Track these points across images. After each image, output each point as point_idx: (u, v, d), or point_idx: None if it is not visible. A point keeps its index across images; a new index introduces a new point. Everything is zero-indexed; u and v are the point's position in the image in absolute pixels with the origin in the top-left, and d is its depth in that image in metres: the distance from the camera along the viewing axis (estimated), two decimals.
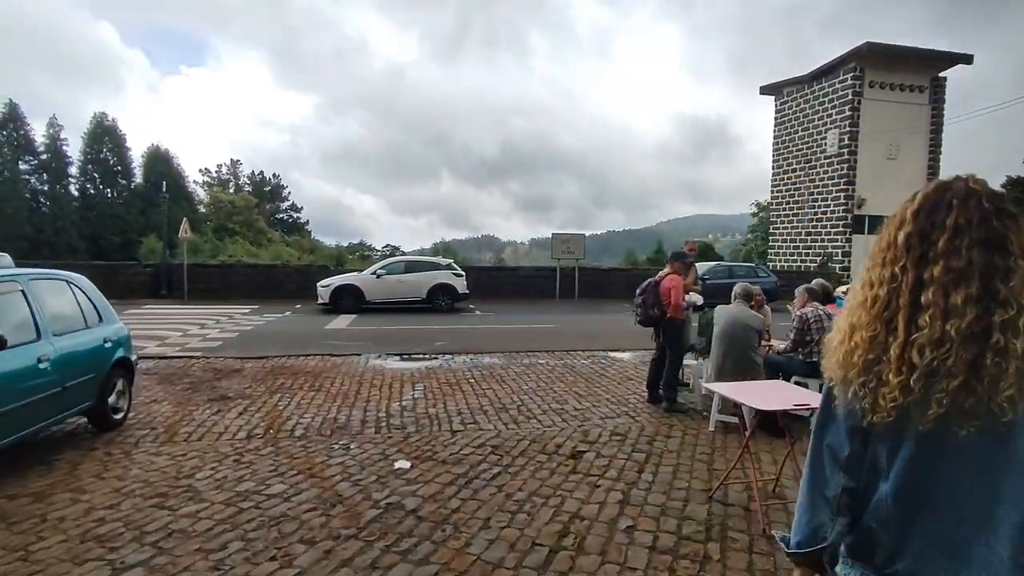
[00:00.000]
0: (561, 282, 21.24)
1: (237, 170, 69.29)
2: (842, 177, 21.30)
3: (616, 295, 21.88)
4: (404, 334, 11.97)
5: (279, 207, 69.37)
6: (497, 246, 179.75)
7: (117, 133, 49.19)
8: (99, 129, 48.09)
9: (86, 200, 47.48)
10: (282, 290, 19.07)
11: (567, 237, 21.31)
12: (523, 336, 11.90)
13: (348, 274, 16.77)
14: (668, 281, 6.06)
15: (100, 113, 48.00)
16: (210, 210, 54.72)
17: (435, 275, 16.52)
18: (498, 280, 21.12)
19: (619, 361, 9.11)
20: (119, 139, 49.01)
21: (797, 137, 23.59)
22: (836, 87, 21.50)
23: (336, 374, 7.77)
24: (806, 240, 23.12)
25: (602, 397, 6.71)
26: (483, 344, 10.75)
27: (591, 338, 11.76)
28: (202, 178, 63.85)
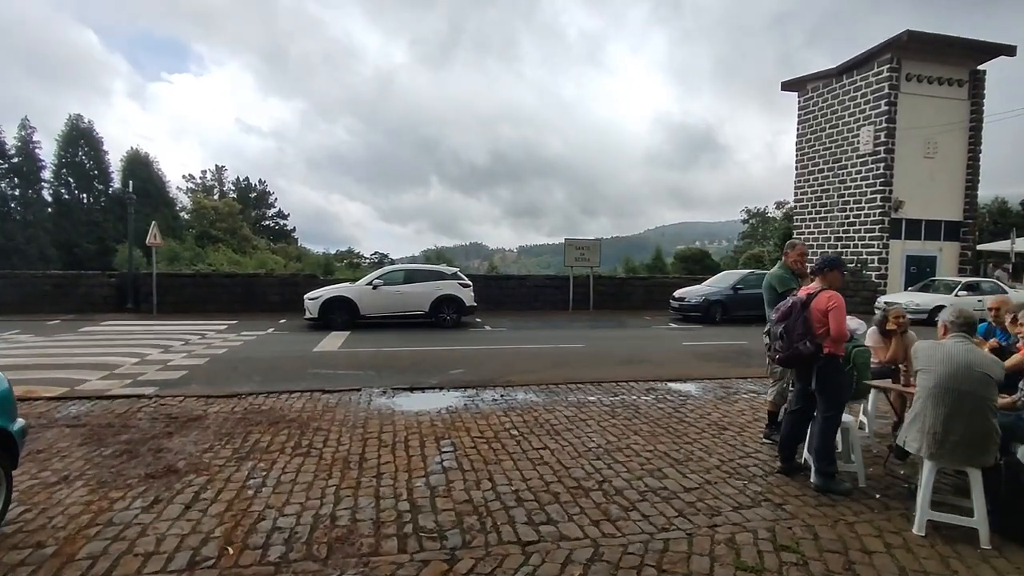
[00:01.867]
0: (574, 292, 19.35)
1: (222, 176, 67.36)
2: (877, 177, 19.64)
3: (634, 305, 20.06)
4: (410, 358, 9.98)
5: (265, 214, 67.52)
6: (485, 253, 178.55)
7: (93, 136, 46.85)
8: (74, 132, 45.73)
9: (61, 206, 45.02)
10: (265, 302, 17.00)
11: (582, 243, 19.42)
12: (551, 360, 9.97)
13: (339, 284, 14.75)
14: (825, 300, 4.16)
15: (75, 115, 45.56)
16: (193, 217, 52.65)
17: (439, 286, 14.56)
18: (505, 291, 19.18)
19: (689, 398, 7.18)
20: (95, 142, 46.70)
21: (824, 135, 21.94)
22: (870, 80, 19.88)
23: (330, 423, 5.78)
24: (836, 246, 21.42)
25: (707, 463, 4.78)
26: (508, 372, 8.81)
27: (634, 362, 9.85)
28: (186, 184, 61.81)
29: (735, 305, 16.41)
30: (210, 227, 50.67)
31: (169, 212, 51.16)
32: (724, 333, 14.25)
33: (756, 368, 9.52)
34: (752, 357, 10.60)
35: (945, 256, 20.64)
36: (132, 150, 48.65)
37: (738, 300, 16.46)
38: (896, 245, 19.91)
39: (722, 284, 16.95)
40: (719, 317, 16.20)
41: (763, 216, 63.16)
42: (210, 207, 52.64)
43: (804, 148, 23.03)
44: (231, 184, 66.35)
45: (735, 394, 7.38)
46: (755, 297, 17.05)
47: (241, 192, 64.74)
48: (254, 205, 65.61)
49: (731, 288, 16.52)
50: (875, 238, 19.85)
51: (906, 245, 20.10)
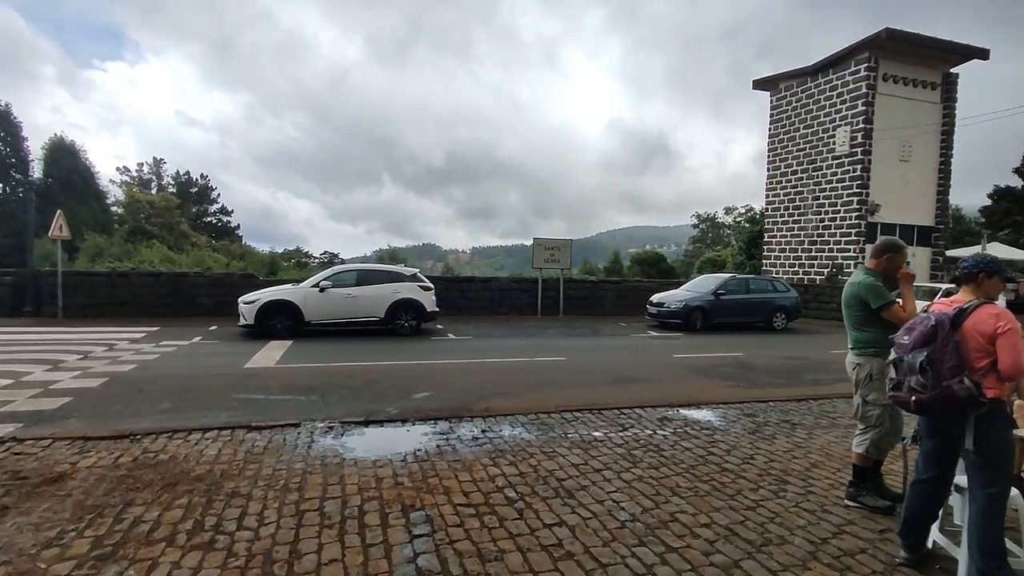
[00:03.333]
0: (543, 296, 17.94)
1: (160, 169, 63.55)
2: (854, 179, 19.05)
3: (606, 311, 18.81)
4: (363, 375, 8.31)
5: (207, 210, 63.96)
6: (438, 254, 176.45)
7: (11, 120, 42.76)
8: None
9: None
10: (194, 306, 14.89)
11: (552, 243, 18.02)
12: (532, 377, 8.48)
13: (281, 287, 12.86)
14: (991, 319, 2.81)
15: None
16: (126, 211, 48.95)
17: (397, 288, 12.87)
18: (468, 294, 17.61)
19: (715, 432, 5.82)
20: (13, 127, 42.72)
21: (799, 135, 21.29)
22: (847, 79, 19.29)
23: (252, 483, 4.12)
24: (810, 250, 20.78)
25: (792, 545, 3.38)
26: (484, 394, 7.28)
27: (629, 381, 8.47)
28: (120, 177, 57.71)
29: (717, 312, 15.35)
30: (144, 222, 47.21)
31: (98, 205, 47.43)
32: (712, 343, 13.10)
33: (769, 388, 8.30)
34: (757, 373, 9.40)
35: (918, 261, 20.27)
36: (56, 137, 44.62)
37: (720, 306, 15.40)
38: None
39: (702, 289, 15.86)
40: (700, 324, 15.09)
41: (713, 221, 63.87)
42: (145, 201, 49.09)
43: (777, 149, 22.37)
44: (170, 178, 62.66)
45: (765, 425, 6.07)
46: (738, 303, 16.15)
47: (181, 187, 61.17)
48: (195, 201, 62.07)
49: (712, 294, 15.44)
50: (851, 242, 19.26)
51: None
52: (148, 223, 47.31)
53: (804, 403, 7.18)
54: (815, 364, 10.46)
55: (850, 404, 7.42)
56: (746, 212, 59.88)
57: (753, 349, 12.08)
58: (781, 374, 9.38)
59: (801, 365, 10.30)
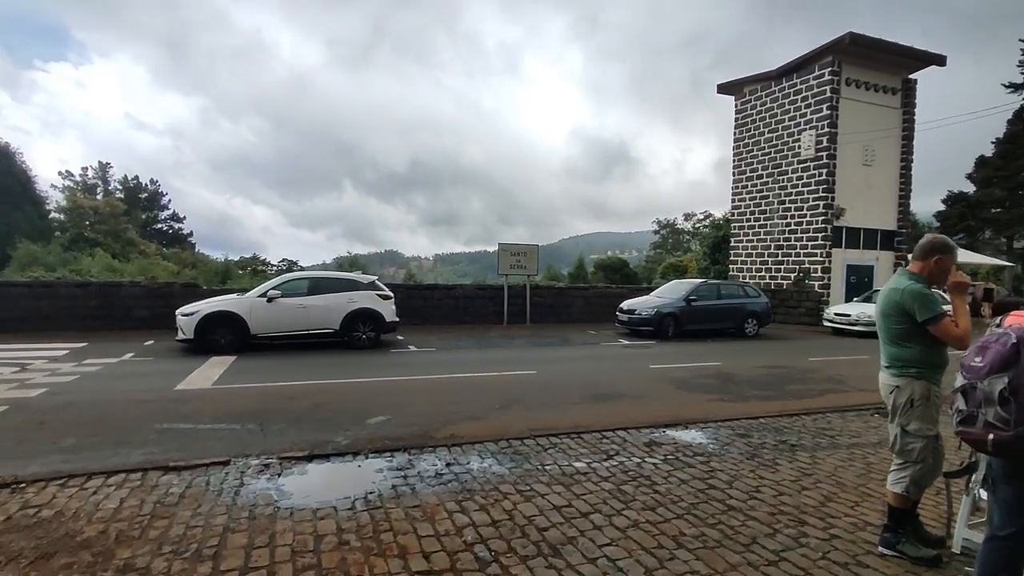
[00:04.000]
0: (509, 304, 17.22)
1: (106, 174, 60.68)
2: (820, 184, 18.99)
3: (574, 318, 18.21)
4: (311, 396, 7.41)
5: (157, 216, 61.37)
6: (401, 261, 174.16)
7: None
8: None
9: None
10: (129, 319, 13.63)
11: (518, 248, 17.31)
12: (500, 394, 7.72)
13: (225, 297, 11.79)
14: None
15: None
16: (68, 217, 46.35)
17: (353, 297, 11.94)
18: (430, 303, 16.75)
19: (711, 458, 5.18)
20: None
21: (763, 139, 21.19)
22: (811, 83, 19.25)
23: (156, 547, 3.25)
24: (776, 254, 20.64)
25: None
26: (448, 417, 6.49)
27: (606, 397, 7.80)
28: (63, 181, 54.84)
29: (689, 318, 14.89)
30: (88, 229, 44.74)
31: (35, 211, 44.71)
32: (687, 351, 12.59)
33: (755, 402, 7.75)
34: (740, 385, 8.84)
35: (881, 265, 20.36)
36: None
37: (692, 313, 14.95)
38: (838, 254, 19.33)
39: (673, 295, 15.40)
40: (672, 332, 14.60)
41: (673, 227, 64.50)
42: (88, 207, 46.57)
43: (742, 153, 22.25)
44: (117, 183, 59.92)
45: (762, 448, 5.46)
46: (709, 310, 15.72)
47: (129, 192, 58.60)
48: (145, 207, 59.46)
49: (684, 300, 14.98)
50: (818, 246, 19.16)
51: (846, 254, 19.58)
52: (91, 230, 44.89)
53: (796, 419, 6.63)
54: (797, 374, 10.01)
55: (844, 418, 6.96)
56: (705, 218, 60.79)
57: (730, 358, 11.60)
58: (764, 385, 8.86)
59: (783, 375, 9.83)
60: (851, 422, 6.58)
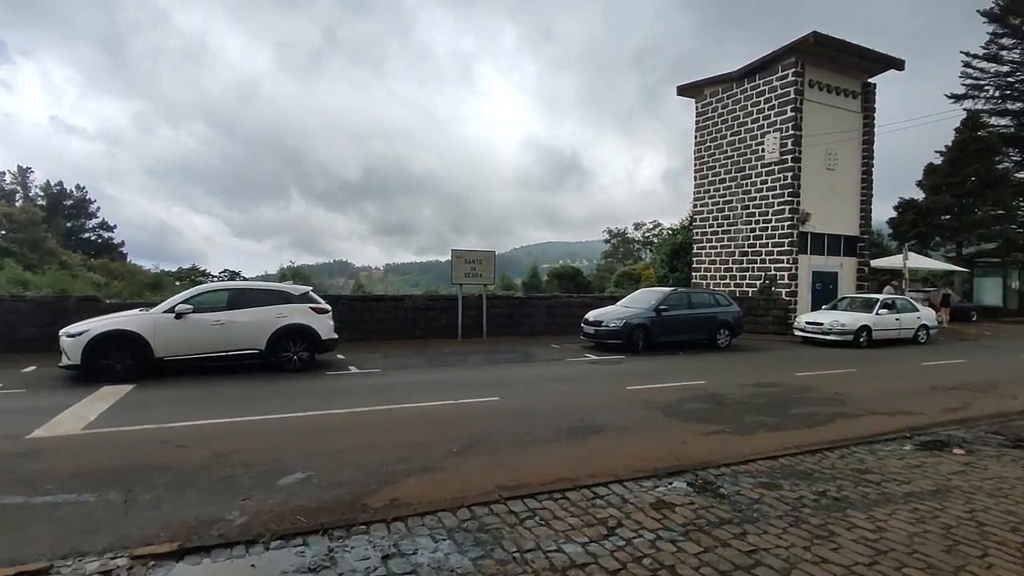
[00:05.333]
0: (464, 315, 15.72)
1: (26, 179, 56.01)
2: (785, 187, 18.32)
3: (534, 330, 16.87)
4: (210, 445, 5.74)
5: (84, 225, 57.02)
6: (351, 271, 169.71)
7: None
8: None
9: None
10: (12, 340, 11.45)
11: (473, 255, 15.83)
12: (459, 432, 6.24)
13: (123, 313, 9.85)
14: None
15: None
16: None
17: (282, 312, 10.22)
18: (376, 315, 15.08)
19: (734, 522, 3.86)
20: None
21: (726, 143, 20.46)
22: (774, 85, 18.63)
23: None
24: (741, 261, 19.87)
25: None
26: (390, 471, 4.97)
27: (583, 430, 6.43)
28: None
29: (659, 330, 13.75)
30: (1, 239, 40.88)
31: None
32: (662, 368, 11.41)
33: (763, 433, 6.53)
34: (736, 409, 7.62)
35: (845, 272, 19.87)
36: None
37: (662, 324, 13.82)
38: (804, 260, 18.67)
39: (642, 305, 14.24)
40: (642, 345, 13.43)
41: (623, 236, 64.43)
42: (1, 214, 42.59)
43: (704, 157, 21.49)
44: (39, 189, 55.39)
45: (801, 507, 4.19)
46: (681, 320, 14.48)
47: (52, 199, 54.27)
48: (70, 215, 55.19)
49: (654, 310, 13.84)
50: (784, 252, 18.46)
51: (812, 260, 18.97)
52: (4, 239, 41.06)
53: (821, 457, 5.42)
54: (792, 393, 8.90)
55: (875, 454, 5.73)
56: (654, 227, 60.93)
57: (712, 375, 10.46)
58: (763, 410, 7.68)
59: (777, 396, 8.69)
60: (885, 458, 5.42)
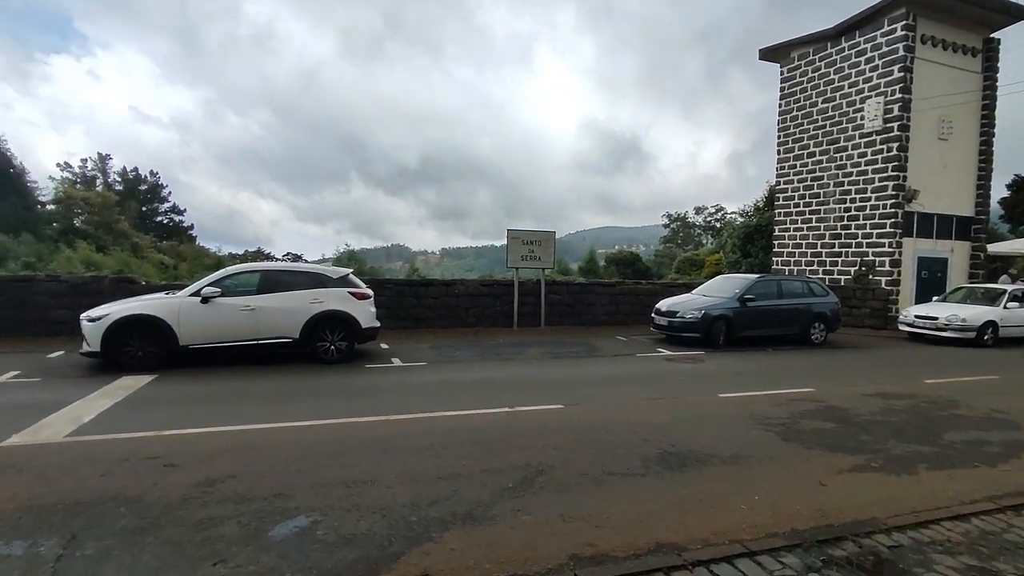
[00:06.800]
0: (520, 302, 14.37)
1: (106, 166, 58.38)
2: (888, 160, 15.97)
3: (597, 320, 15.33)
4: (208, 462, 4.59)
5: (157, 209, 59.17)
6: (407, 256, 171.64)
7: None
8: None
9: None
10: (45, 322, 10.92)
11: (531, 236, 14.41)
12: (515, 457, 4.86)
13: (146, 297, 9.03)
14: None
15: None
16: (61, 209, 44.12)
17: (317, 296, 9.14)
18: (425, 301, 13.92)
19: None
20: None
21: (816, 111, 18.15)
22: (879, 42, 16.22)
23: None
24: (832, 245, 17.64)
25: None
26: (423, 517, 3.60)
27: (678, 459, 4.92)
28: (61, 173, 52.83)
29: (743, 322, 11.97)
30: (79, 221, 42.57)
31: (20, 202, 42.29)
32: (753, 368, 9.73)
33: (924, 469, 4.84)
34: (870, 430, 5.88)
35: (956, 259, 17.32)
36: None
37: (747, 316, 12.02)
38: (908, 244, 16.31)
39: (723, 294, 12.47)
40: (723, 339, 11.71)
41: (684, 221, 61.43)
42: (79, 198, 44.38)
43: (789, 127, 19.21)
44: (117, 175, 57.69)
45: None
46: (769, 312, 12.09)
47: (129, 184, 56.40)
48: (144, 199, 57.29)
49: (738, 300, 12.05)
50: (885, 235, 16.14)
51: (918, 244, 16.56)
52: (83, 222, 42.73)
53: None
54: (934, 407, 7.07)
55: None
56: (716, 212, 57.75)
57: (819, 379, 8.69)
58: (908, 433, 5.92)
59: (916, 410, 6.90)
60: None
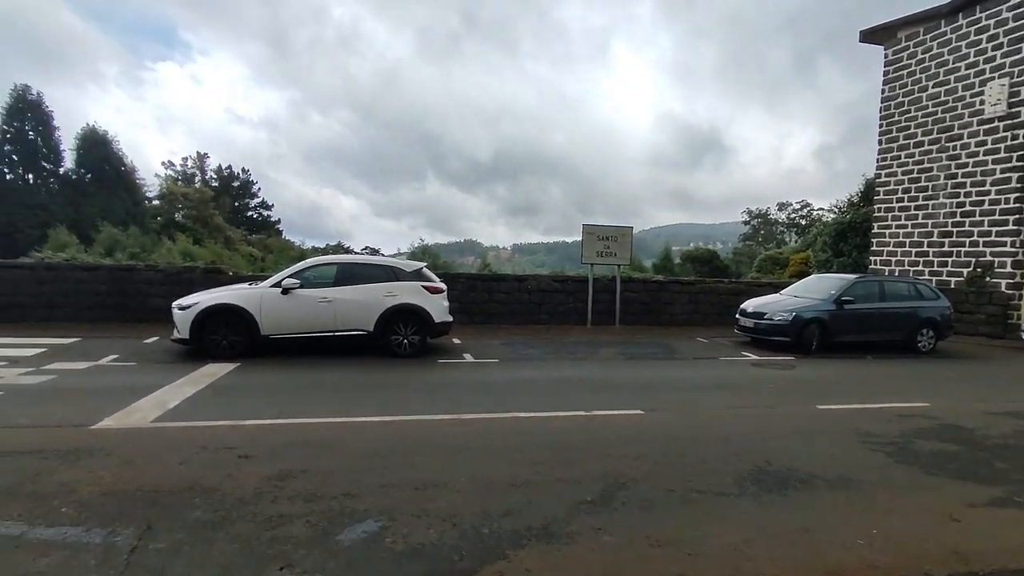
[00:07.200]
0: (594, 299, 13.93)
1: (203, 164, 62.57)
2: (1013, 149, 14.29)
3: (675, 319, 14.65)
4: (281, 456, 4.55)
5: (248, 204, 62.85)
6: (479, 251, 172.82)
7: (42, 109, 41.27)
8: (20, 104, 40.19)
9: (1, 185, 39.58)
10: (144, 309, 11.57)
11: (606, 231, 13.93)
12: (595, 467, 4.52)
13: (231, 288, 9.34)
14: None
15: (22, 85, 39.79)
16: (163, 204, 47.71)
17: (392, 290, 9.12)
18: (496, 296, 13.75)
19: None
20: (45, 116, 41.23)
21: (926, 95, 16.54)
22: (1004, 16, 14.52)
23: None
24: (942, 244, 16.04)
25: None
26: (495, 529, 3.33)
27: (776, 479, 4.41)
28: (165, 171, 57.26)
29: (840, 327, 11.02)
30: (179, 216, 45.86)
31: (129, 197, 45.85)
32: (854, 377, 8.90)
33: None
34: (1006, 459, 5.10)
35: None
36: (87, 127, 43.02)
37: (844, 319, 11.06)
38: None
39: (816, 295, 11.54)
40: (816, 344, 10.83)
41: (765, 218, 58.20)
42: (179, 194, 47.79)
43: (893, 115, 17.62)
44: (213, 173, 61.74)
45: None
46: (871, 315, 10.90)
47: (223, 181, 60.26)
48: (236, 195, 60.94)
49: (834, 302, 11.10)
50: (1006, 233, 14.45)
51: None
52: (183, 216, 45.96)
53: None
54: None
55: None
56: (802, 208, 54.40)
57: (932, 393, 7.78)
58: None
59: None
60: None
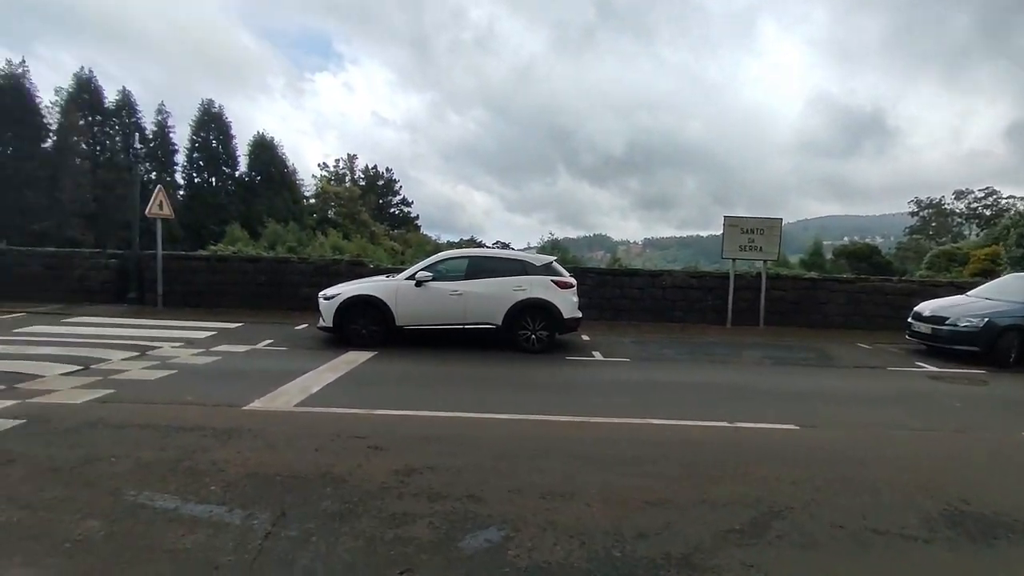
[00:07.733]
0: (735, 298, 12.89)
1: (353, 164, 67.86)
2: None
3: (829, 321, 13.18)
4: (409, 449, 4.51)
5: (390, 201, 67.19)
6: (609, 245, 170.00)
7: (223, 120, 46.86)
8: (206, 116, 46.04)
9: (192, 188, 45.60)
10: (295, 298, 12.55)
11: (752, 224, 12.80)
12: (743, 483, 3.98)
13: (370, 279, 9.78)
14: None
15: (207, 100, 45.61)
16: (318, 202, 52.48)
17: (522, 284, 9.01)
18: (627, 292, 13.19)
19: None
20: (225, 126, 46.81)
21: None
22: None
23: None
24: None
25: None
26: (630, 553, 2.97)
27: (977, 523, 3.56)
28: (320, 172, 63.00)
29: None
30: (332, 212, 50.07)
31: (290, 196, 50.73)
32: None
33: None
34: None
35: None
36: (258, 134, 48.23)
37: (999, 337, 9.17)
38: None
39: (1016, 297, 9.69)
40: (1014, 356, 9.09)
41: (938, 208, 50.17)
42: (332, 192, 52.20)
43: None
44: (360, 172, 66.63)
45: None
46: None
47: (369, 180, 64.82)
48: (380, 193, 65.30)
49: None
50: None
51: None
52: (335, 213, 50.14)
53: None
54: None
55: None
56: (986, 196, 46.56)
57: None
58: None
59: None
60: None
